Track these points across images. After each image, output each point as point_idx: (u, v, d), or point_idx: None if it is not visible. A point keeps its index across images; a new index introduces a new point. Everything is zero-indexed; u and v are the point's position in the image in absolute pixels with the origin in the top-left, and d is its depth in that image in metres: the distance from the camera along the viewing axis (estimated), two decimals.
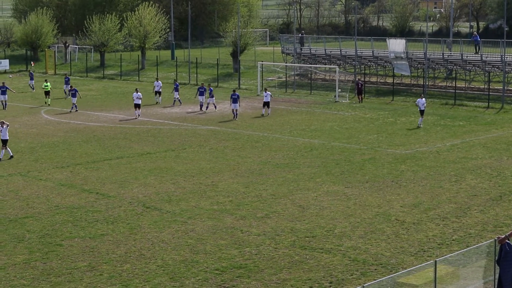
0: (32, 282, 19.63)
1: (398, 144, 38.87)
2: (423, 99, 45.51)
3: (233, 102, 47.77)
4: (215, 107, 51.77)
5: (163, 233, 23.67)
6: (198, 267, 20.60)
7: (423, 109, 44.74)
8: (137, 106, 48.37)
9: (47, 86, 55.29)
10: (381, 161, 34.48)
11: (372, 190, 29.15)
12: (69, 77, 64.40)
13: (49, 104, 54.00)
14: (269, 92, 50.12)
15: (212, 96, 51.51)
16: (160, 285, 19.36)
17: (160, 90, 56.42)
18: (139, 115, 48.36)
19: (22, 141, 39.91)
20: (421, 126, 44.16)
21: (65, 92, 59.98)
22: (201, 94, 51.45)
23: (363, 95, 56.90)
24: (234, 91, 49.35)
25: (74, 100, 51.68)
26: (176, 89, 54.87)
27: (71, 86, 55.67)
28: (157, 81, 57.62)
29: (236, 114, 47.82)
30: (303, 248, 22.14)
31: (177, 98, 54.64)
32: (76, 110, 51.17)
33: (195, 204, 27.19)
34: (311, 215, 25.70)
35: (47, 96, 55.10)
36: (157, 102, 55.57)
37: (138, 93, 48.32)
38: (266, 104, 49.35)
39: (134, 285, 19.35)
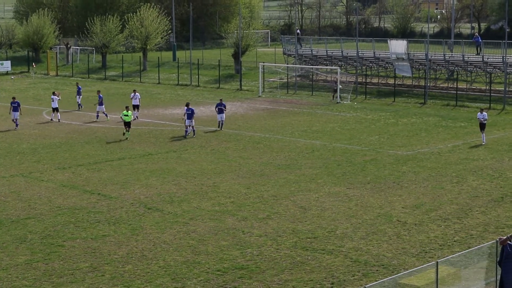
0: (34, 283, 19.66)
1: (400, 145, 38.88)
2: (484, 112, 40.16)
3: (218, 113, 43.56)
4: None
5: (164, 234, 23.70)
6: (200, 268, 20.62)
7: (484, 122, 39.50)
8: (54, 109, 47.13)
9: (128, 115, 41.60)
10: (382, 162, 34.49)
11: (374, 191, 29.16)
12: None
13: (127, 138, 41.11)
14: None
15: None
16: (162, 285, 19.39)
17: (137, 103, 48.43)
18: (52, 119, 46.82)
19: (24, 142, 39.94)
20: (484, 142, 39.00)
21: None
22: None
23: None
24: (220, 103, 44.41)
25: (16, 114, 44.60)
26: (79, 93, 52.62)
27: (13, 98, 45.82)
28: (134, 93, 49.00)
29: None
30: (304, 249, 22.16)
31: (79, 102, 52.70)
32: (16, 127, 44.30)
33: (196, 205, 27.22)
34: (313, 216, 25.72)
35: (127, 128, 41.31)
36: (135, 118, 47.38)
37: (55, 95, 47.02)
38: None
39: (136, 286, 19.37)
